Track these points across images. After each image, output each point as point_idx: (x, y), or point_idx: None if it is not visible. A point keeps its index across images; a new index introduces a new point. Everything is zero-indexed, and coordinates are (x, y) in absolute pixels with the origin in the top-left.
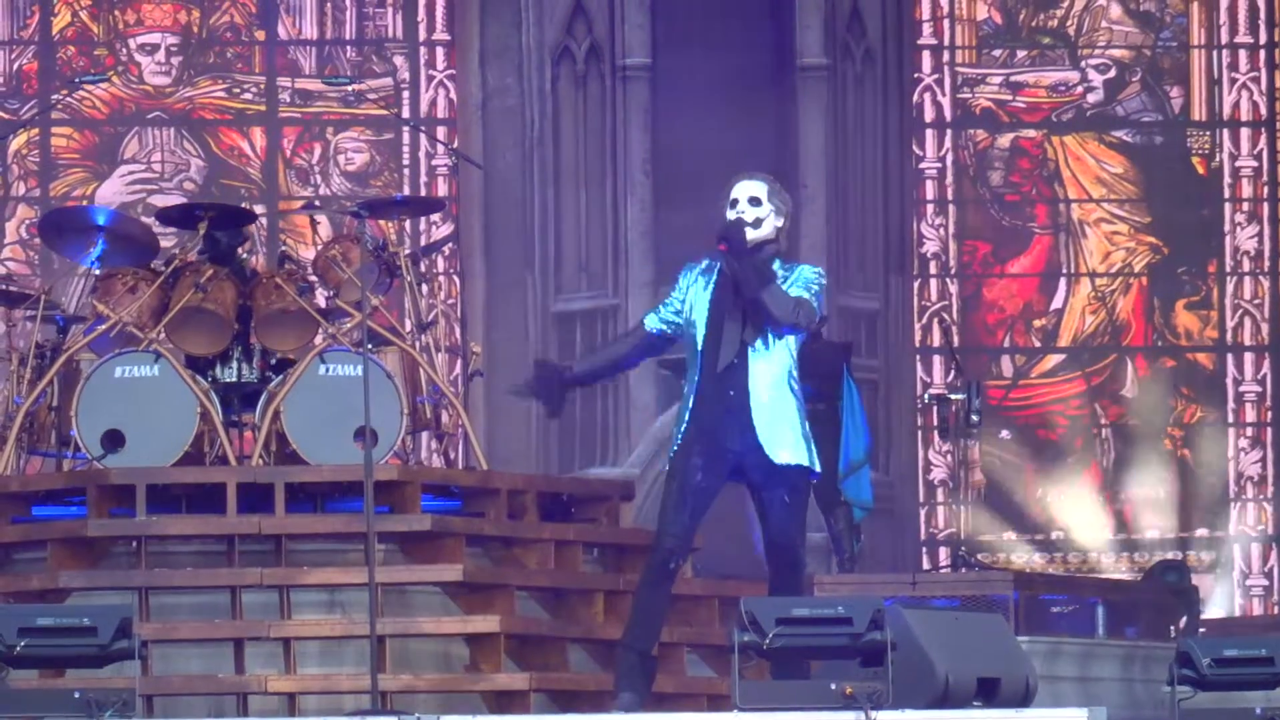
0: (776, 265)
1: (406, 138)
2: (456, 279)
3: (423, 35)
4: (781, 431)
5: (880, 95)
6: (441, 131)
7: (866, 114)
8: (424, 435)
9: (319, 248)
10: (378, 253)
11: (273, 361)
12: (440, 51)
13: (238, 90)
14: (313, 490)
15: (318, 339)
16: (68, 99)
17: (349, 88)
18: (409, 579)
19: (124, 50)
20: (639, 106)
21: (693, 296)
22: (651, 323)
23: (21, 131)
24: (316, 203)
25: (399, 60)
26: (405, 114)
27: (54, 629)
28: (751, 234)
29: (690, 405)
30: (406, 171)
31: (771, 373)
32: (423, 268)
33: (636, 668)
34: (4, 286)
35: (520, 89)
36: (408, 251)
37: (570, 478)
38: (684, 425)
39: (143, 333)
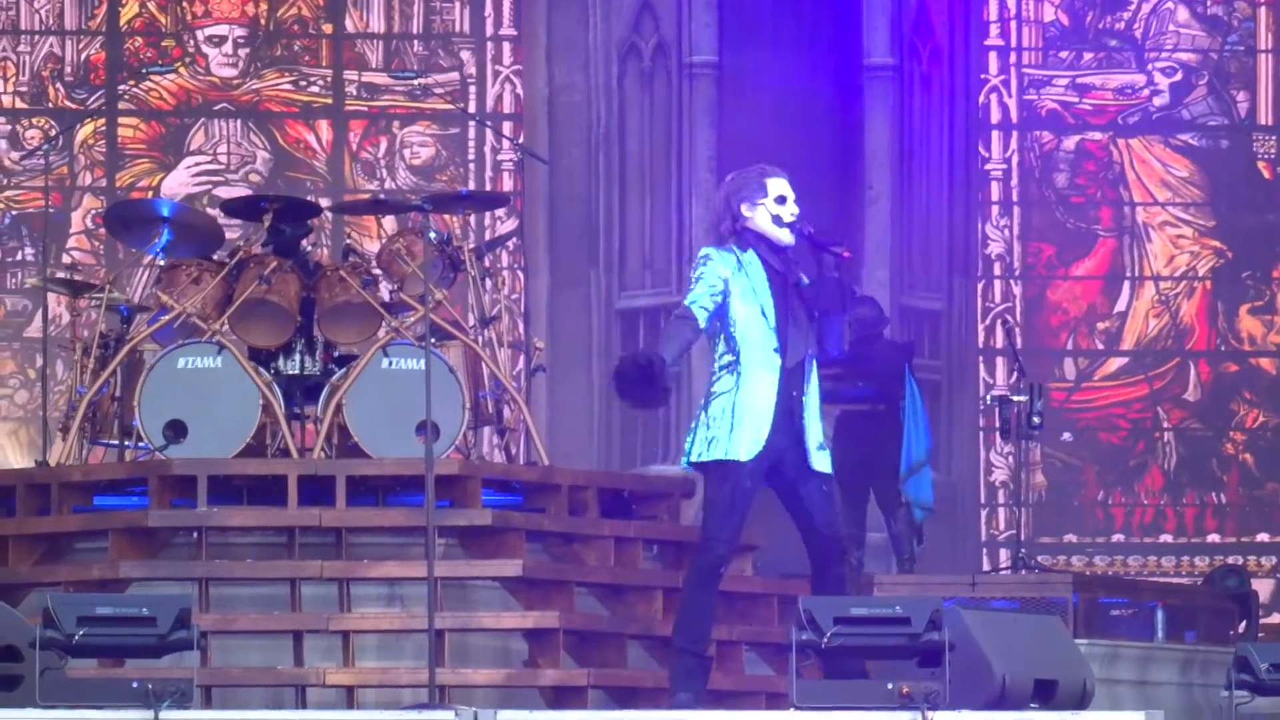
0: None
1: (472, 132)
2: (520, 274)
3: (489, 30)
4: (818, 436)
5: (947, 96)
6: (507, 127)
7: (932, 114)
8: (486, 430)
9: (383, 241)
10: (442, 247)
11: (335, 354)
12: (507, 47)
13: (304, 83)
14: (374, 483)
15: (381, 332)
16: (134, 90)
17: (415, 82)
18: (469, 573)
19: (191, 42)
20: (705, 105)
21: (739, 286)
22: (703, 317)
23: (88, 122)
24: (382, 196)
25: (465, 55)
26: (471, 109)
27: (113, 618)
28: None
29: (775, 402)
30: (472, 166)
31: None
32: (486, 262)
33: (694, 669)
34: (69, 276)
35: (586, 85)
36: (472, 246)
37: (631, 474)
38: (770, 420)
39: (206, 324)
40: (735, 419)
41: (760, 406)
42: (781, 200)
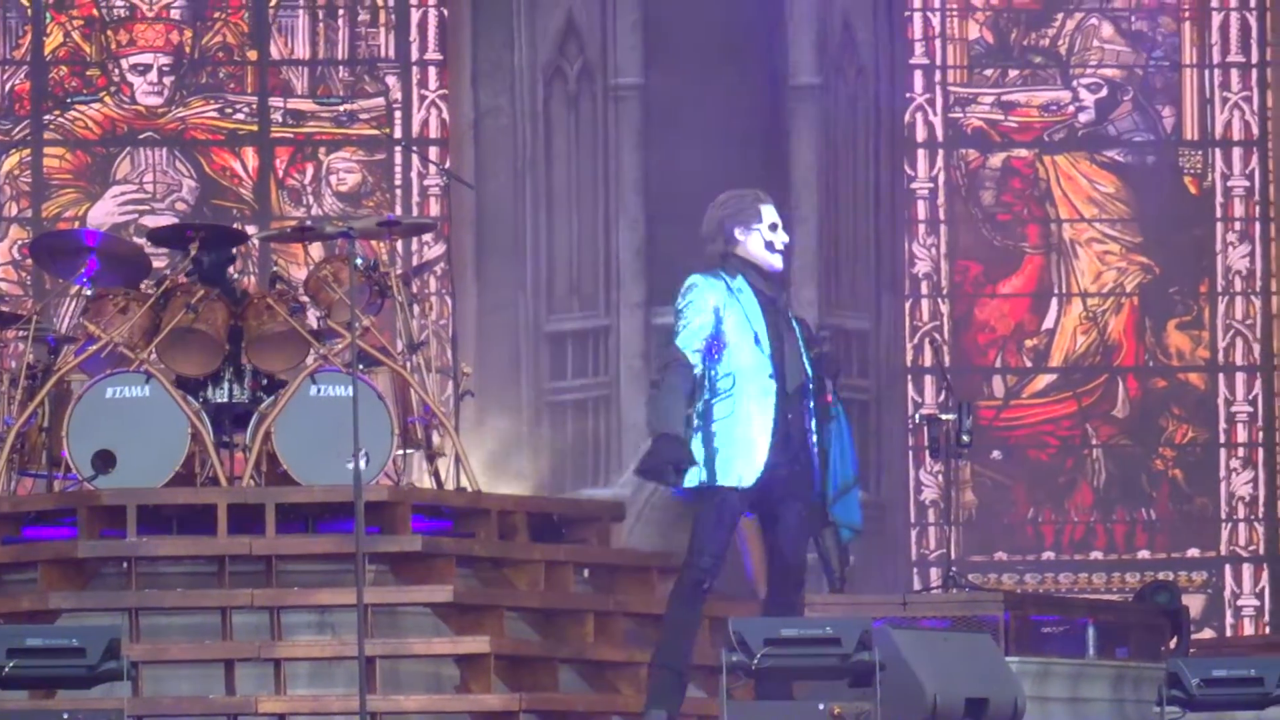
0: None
1: (398, 158)
2: (448, 299)
3: (415, 55)
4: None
5: (872, 115)
6: (433, 152)
7: (858, 133)
8: (415, 456)
9: (310, 268)
10: (369, 273)
11: (264, 382)
12: (432, 71)
13: (230, 110)
14: (303, 511)
15: (309, 360)
16: (60, 119)
17: (341, 108)
18: (399, 600)
19: (116, 70)
20: (631, 127)
21: (732, 313)
22: (696, 359)
23: (13, 152)
24: (308, 223)
25: (391, 80)
26: (397, 134)
27: (43, 650)
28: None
29: (772, 428)
30: (398, 192)
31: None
32: (414, 288)
33: (671, 686)
34: None
35: (512, 109)
36: (399, 272)
37: (561, 498)
38: (767, 447)
39: (134, 353)
40: (735, 447)
41: (757, 433)
42: (774, 228)
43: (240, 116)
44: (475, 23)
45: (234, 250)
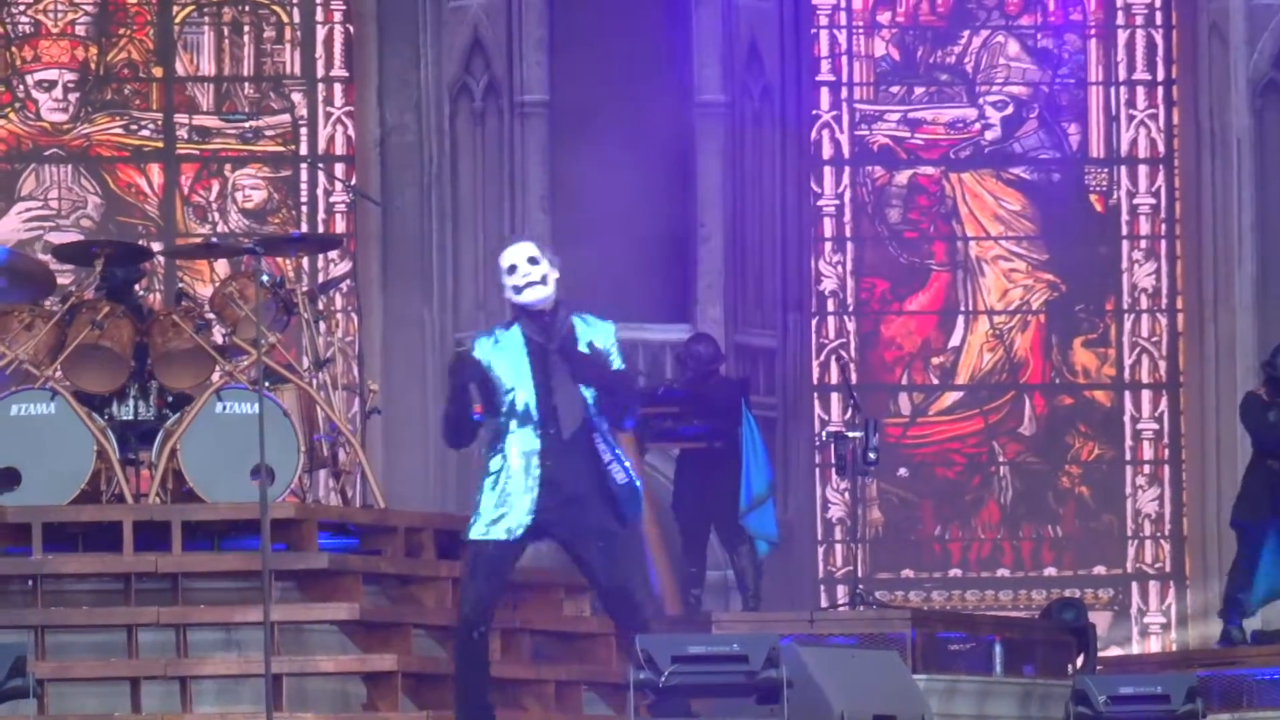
0: (576, 320)
1: (304, 175)
2: (354, 316)
3: (321, 72)
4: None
5: (779, 132)
6: (340, 168)
7: (765, 151)
8: (321, 473)
9: (216, 285)
10: (274, 290)
11: (170, 399)
12: (338, 88)
13: (135, 127)
14: (209, 528)
15: (215, 376)
16: None
17: (246, 124)
18: (306, 617)
19: (21, 86)
20: (537, 143)
21: (499, 366)
22: (476, 422)
23: None
24: (213, 239)
25: (297, 97)
26: (303, 151)
27: None
28: (543, 292)
29: (538, 477)
30: (304, 208)
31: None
32: (320, 305)
33: None
34: None
35: (419, 126)
36: (305, 289)
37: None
38: (532, 499)
39: (39, 370)
40: (497, 500)
41: (518, 486)
42: (512, 270)
43: (146, 133)
44: (381, 40)
45: (140, 267)
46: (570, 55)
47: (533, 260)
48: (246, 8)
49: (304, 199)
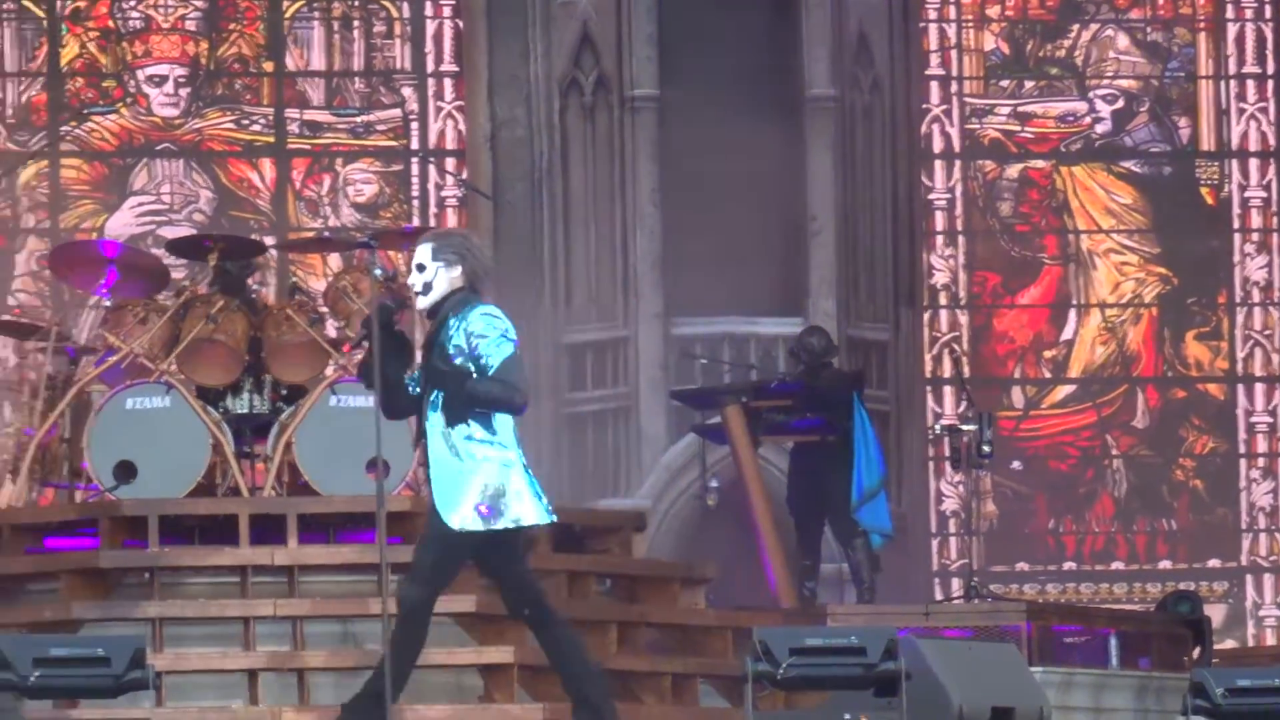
0: (452, 324)
1: (415, 169)
2: None
3: (431, 66)
4: (455, 495)
5: (889, 126)
6: (450, 163)
7: (875, 145)
8: None
9: (329, 279)
10: (387, 284)
11: (284, 392)
12: (448, 83)
13: (246, 122)
14: (325, 521)
15: (328, 370)
16: (76, 131)
17: (357, 119)
18: None
19: (132, 82)
20: (647, 138)
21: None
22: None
23: (31, 163)
24: (326, 233)
25: (407, 91)
26: (414, 145)
27: (68, 659)
28: (425, 301)
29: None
30: (415, 202)
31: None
32: None
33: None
34: (15, 319)
35: (528, 120)
36: None
37: (582, 509)
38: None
39: (154, 364)
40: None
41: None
42: (419, 269)
43: (257, 128)
44: (491, 35)
45: (253, 261)
46: (679, 50)
47: (419, 267)
48: (356, 3)
49: (415, 193)
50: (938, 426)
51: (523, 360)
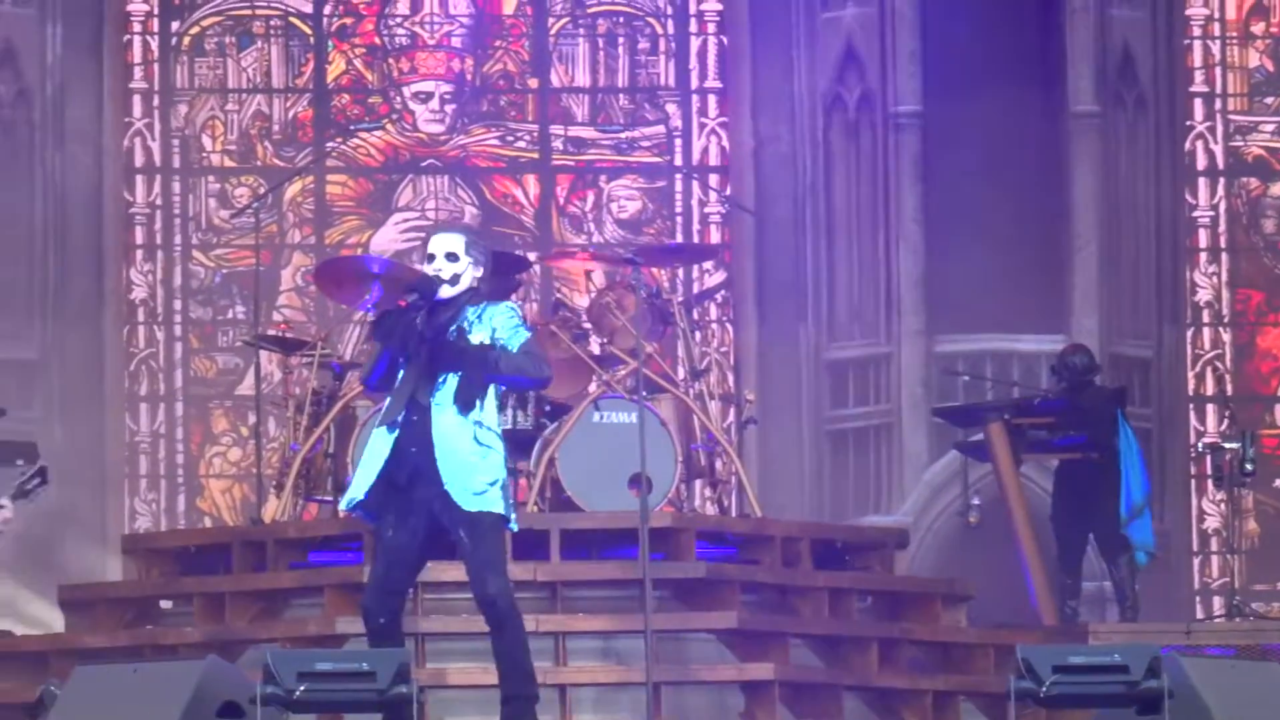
0: (470, 313)
1: (679, 185)
2: (729, 326)
3: (695, 83)
4: (464, 478)
5: (1152, 143)
6: (714, 179)
7: (1139, 162)
8: (698, 483)
9: (593, 295)
10: (651, 300)
11: (547, 408)
12: (712, 99)
13: (511, 138)
14: (588, 537)
15: (592, 386)
16: (342, 147)
17: (622, 135)
18: (684, 626)
19: (398, 98)
20: (910, 155)
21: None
22: None
23: (297, 179)
24: (591, 249)
25: (671, 108)
26: (677, 161)
27: (333, 674)
28: (449, 291)
29: (385, 456)
30: (679, 219)
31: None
32: (695, 315)
33: None
34: (281, 334)
35: (792, 137)
36: (681, 299)
37: (844, 525)
38: (371, 479)
39: None
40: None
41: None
42: (431, 259)
43: (521, 144)
44: (755, 51)
45: (517, 277)
46: (942, 66)
47: (451, 256)
48: (621, 20)
49: (679, 209)
50: (1200, 444)
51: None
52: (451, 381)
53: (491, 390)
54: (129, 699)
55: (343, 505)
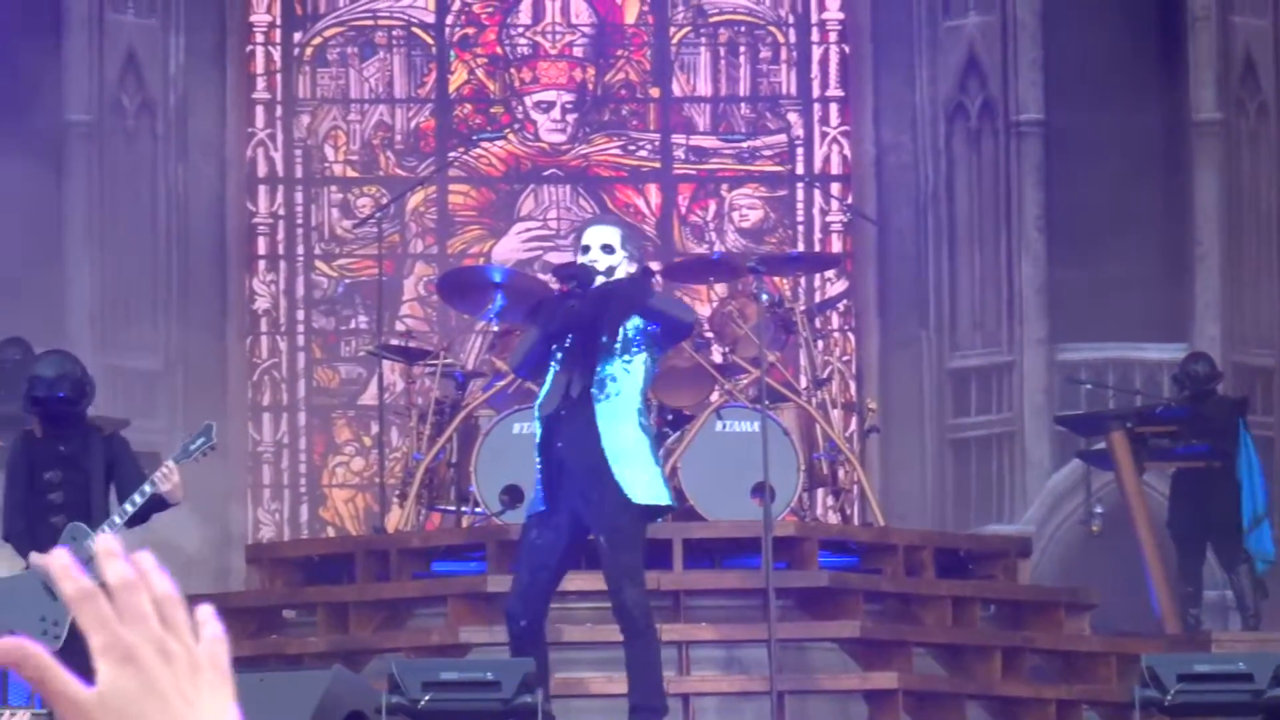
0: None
1: (800, 194)
2: (851, 335)
3: (816, 92)
4: (625, 477)
5: (1275, 150)
6: (835, 188)
7: (1261, 169)
8: (820, 492)
9: (715, 304)
10: (773, 309)
11: (669, 417)
12: (834, 108)
13: (633, 147)
14: (710, 546)
15: (714, 395)
16: (464, 157)
17: (743, 144)
18: (807, 635)
19: (520, 108)
20: (1032, 163)
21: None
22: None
23: (419, 189)
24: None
25: (793, 117)
26: (799, 170)
27: (458, 683)
28: (602, 281)
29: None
30: (800, 228)
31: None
32: (817, 324)
33: None
34: (404, 343)
35: (914, 145)
36: (803, 308)
37: (967, 534)
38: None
39: None
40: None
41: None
42: (586, 250)
43: (643, 153)
44: (876, 59)
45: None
46: (1064, 74)
47: (607, 248)
48: (742, 29)
49: (800, 218)
50: None
51: None
52: (605, 372)
53: (641, 383)
54: (256, 708)
55: (525, 513)
